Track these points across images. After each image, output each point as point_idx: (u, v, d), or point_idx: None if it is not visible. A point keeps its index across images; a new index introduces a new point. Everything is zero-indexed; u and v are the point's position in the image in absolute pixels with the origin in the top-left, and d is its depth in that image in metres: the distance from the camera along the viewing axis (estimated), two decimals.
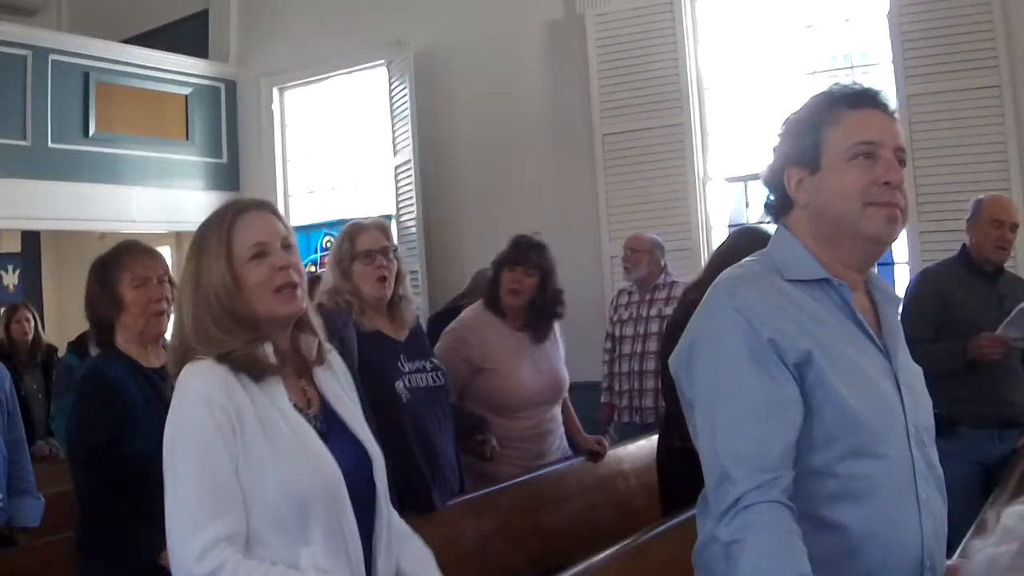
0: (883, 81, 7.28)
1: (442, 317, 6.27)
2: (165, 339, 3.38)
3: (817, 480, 2.10)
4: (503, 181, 8.56)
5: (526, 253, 4.91)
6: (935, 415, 4.74)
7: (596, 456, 5.13)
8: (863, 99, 2.25)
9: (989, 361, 4.71)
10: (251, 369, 2.38)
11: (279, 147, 10.35)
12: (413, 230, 8.75)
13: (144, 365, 3.49)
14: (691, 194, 7.84)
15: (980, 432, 4.86)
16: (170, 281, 3.60)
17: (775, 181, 2.32)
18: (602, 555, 3.31)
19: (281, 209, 9.59)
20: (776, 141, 2.34)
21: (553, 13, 8.50)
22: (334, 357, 2.70)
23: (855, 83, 2.31)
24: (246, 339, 2.39)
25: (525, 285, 4.87)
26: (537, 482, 4.71)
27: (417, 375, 4.27)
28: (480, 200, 8.59)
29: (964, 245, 5.11)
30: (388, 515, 2.55)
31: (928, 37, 6.97)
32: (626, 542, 3.47)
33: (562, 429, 5.13)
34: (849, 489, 2.10)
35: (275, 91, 10.34)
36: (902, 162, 2.23)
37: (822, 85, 2.34)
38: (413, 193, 8.74)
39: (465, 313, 5.10)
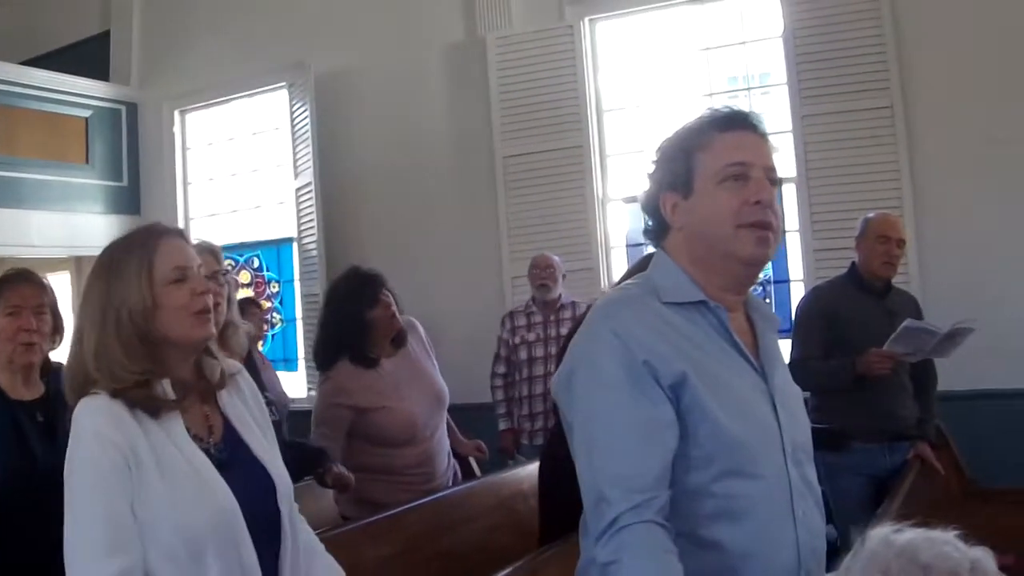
0: (780, 102, 7.42)
1: None
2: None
3: (695, 500, 2.14)
4: (405, 203, 8.53)
5: (375, 281, 4.88)
6: (827, 430, 4.87)
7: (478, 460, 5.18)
8: (733, 122, 2.29)
9: (878, 376, 4.81)
10: (147, 406, 2.39)
11: (180, 170, 10.19)
12: (314, 253, 8.71)
13: (10, 395, 3.45)
14: (590, 215, 7.87)
15: (872, 446, 4.96)
16: (53, 314, 3.58)
17: (652, 206, 2.36)
18: None
19: None
20: (651, 167, 2.38)
21: (455, 36, 8.53)
22: (243, 378, 2.73)
23: (726, 107, 2.35)
24: (146, 368, 2.41)
25: (393, 307, 4.87)
26: (437, 505, 4.69)
27: None
28: (382, 222, 8.55)
29: (853, 263, 5.22)
30: (294, 538, 2.57)
31: (822, 59, 7.13)
32: (518, 563, 3.46)
33: (448, 443, 5.13)
34: (726, 508, 2.14)
35: (176, 114, 10.19)
36: (773, 182, 2.27)
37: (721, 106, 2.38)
38: (314, 216, 8.69)
39: (339, 369, 4.86)
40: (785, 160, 7.38)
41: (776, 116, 7.45)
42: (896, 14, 6.98)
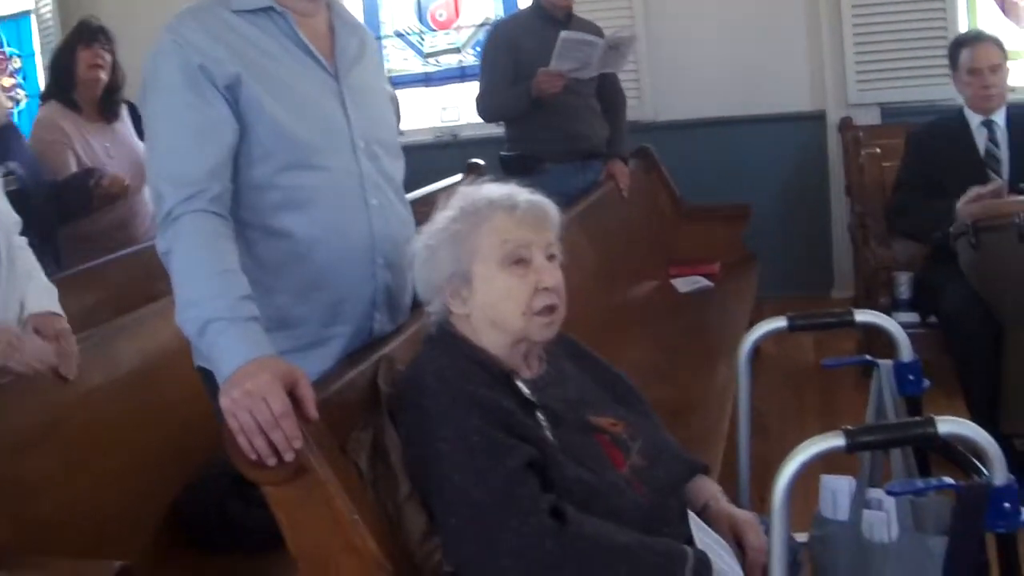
0: None
1: None
2: None
3: (260, 192, 2.29)
4: None
5: (96, 30, 4.83)
6: (519, 156, 5.04)
7: None
8: None
9: (551, 96, 4.87)
10: None
11: None
12: (51, 24, 8.27)
13: None
14: None
15: (564, 166, 5.13)
16: None
17: None
18: None
19: None
20: None
21: None
22: None
23: None
24: None
25: (107, 61, 4.81)
26: (147, 254, 4.63)
27: None
28: None
29: None
30: (10, 264, 2.83)
31: None
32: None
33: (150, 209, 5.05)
34: (291, 199, 2.30)
35: None
36: None
37: None
38: None
39: (43, 112, 4.87)
40: None
41: None
42: None
